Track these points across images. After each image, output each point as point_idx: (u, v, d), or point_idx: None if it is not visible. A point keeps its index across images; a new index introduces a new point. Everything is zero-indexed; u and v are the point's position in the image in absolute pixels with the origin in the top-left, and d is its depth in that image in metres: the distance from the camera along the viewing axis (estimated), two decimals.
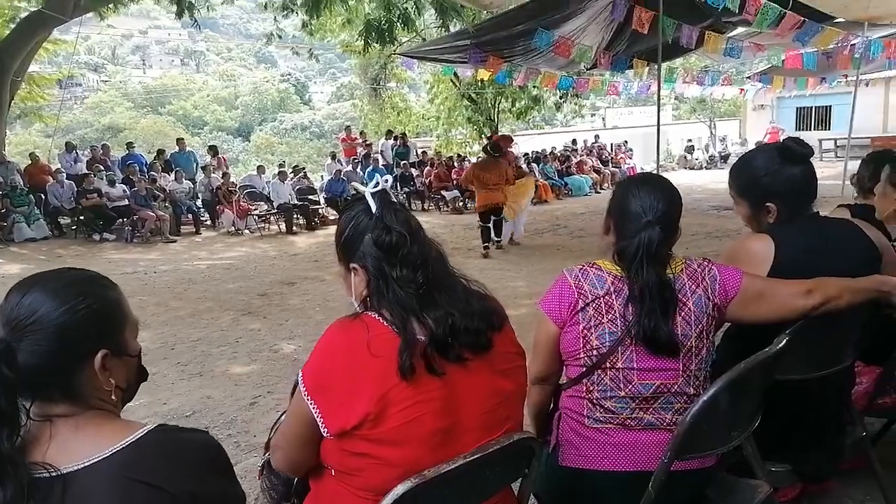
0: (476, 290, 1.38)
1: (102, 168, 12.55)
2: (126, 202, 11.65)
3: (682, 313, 1.58)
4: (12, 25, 13.81)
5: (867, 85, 16.86)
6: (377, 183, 1.35)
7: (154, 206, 11.61)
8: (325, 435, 1.22)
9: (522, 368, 1.39)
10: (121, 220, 11.67)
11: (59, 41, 16.56)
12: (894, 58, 11.38)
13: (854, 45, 10.04)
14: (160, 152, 14.59)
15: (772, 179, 1.80)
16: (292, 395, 1.33)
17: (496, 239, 9.04)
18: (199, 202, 13.16)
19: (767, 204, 1.82)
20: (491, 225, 8.92)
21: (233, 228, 12.28)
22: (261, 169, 14.99)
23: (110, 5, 13.25)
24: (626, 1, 8.14)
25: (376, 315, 1.26)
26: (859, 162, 2.80)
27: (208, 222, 13.00)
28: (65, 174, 12.23)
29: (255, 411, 3.90)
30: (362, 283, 1.32)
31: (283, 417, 1.39)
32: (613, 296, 1.60)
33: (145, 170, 13.05)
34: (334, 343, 1.24)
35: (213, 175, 13.14)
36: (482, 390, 1.27)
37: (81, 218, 11.70)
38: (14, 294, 1.03)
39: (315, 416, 1.21)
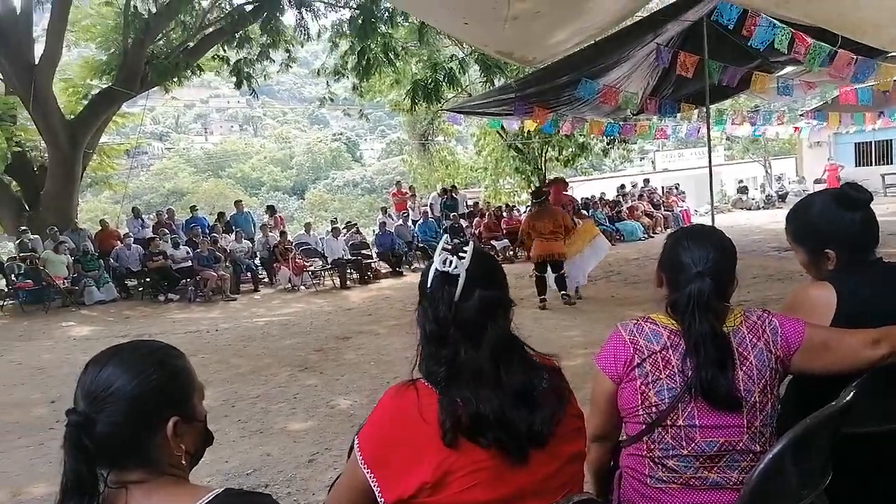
0: (536, 366, 1.33)
1: (167, 231, 13.15)
2: (189, 263, 12.12)
3: (744, 367, 1.54)
4: (84, 102, 14.82)
5: None
6: (447, 261, 1.30)
7: (216, 267, 12.03)
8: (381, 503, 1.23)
9: (582, 431, 1.37)
10: (184, 280, 12.12)
11: (127, 114, 17.69)
12: None
13: None
14: (220, 214, 15.20)
15: (829, 226, 1.77)
16: (349, 457, 1.34)
17: (563, 293, 8.56)
18: (257, 260, 13.55)
19: (826, 251, 1.77)
20: (549, 277, 8.56)
21: (289, 285, 12.56)
22: (308, 226, 15.36)
23: (174, 79, 14.13)
24: (669, 48, 8.18)
25: (425, 381, 1.28)
26: None
27: (266, 280, 13.32)
28: (132, 238, 12.85)
29: (314, 469, 3.93)
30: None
31: (339, 479, 1.41)
32: (670, 350, 1.57)
33: (207, 231, 13.59)
34: (389, 410, 1.27)
35: (270, 234, 13.56)
36: (541, 459, 1.26)
37: (147, 280, 12.22)
38: (91, 368, 1.11)
39: (372, 485, 1.23)
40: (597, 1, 3.87)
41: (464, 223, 15.73)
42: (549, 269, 8.53)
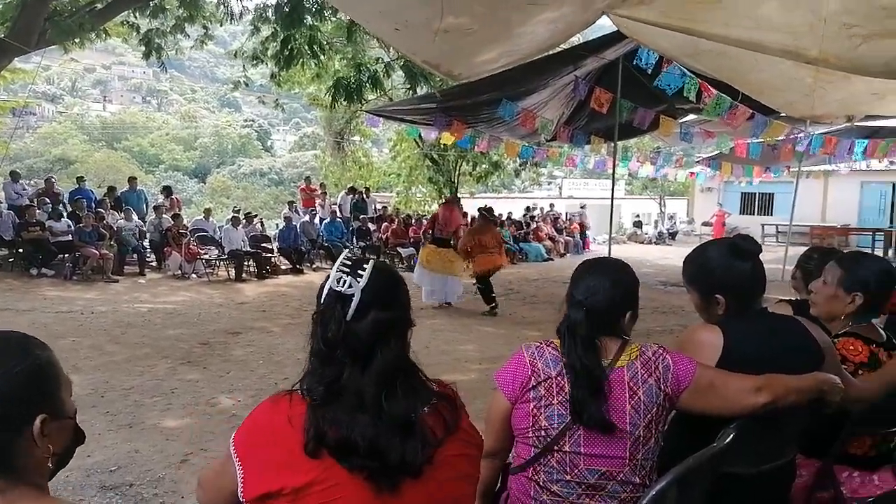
0: (423, 392, 1.29)
1: (48, 201, 12.16)
2: (69, 238, 11.26)
3: (632, 402, 1.59)
4: None
5: (807, 177, 17.92)
6: (342, 281, 1.26)
7: (99, 244, 11.25)
8: (241, 500, 1.23)
9: (472, 458, 1.35)
10: (62, 255, 11.25)
11: (17, 70, 16.23)
12: (833, 154, 12.19)
13: (797, 138, 10.72)
14: (111, 189, 14.28)
15: (722, 273, 1.87)
16: None
17: (492, 305, 9.06)
18: (146, 242, 12.81)
19: (717, 296, 1.88)
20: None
21: (179, 272, 11.94)
22: (208, 212, 14.72)
23: (76, 41, 13.12)
24: (586, 81, 8.52)
25: (303, 392, 1.26)
26: (801, 253, 2.94)
27: (154, 264, 12.64)
28: (5, 204, 11.78)
29: (186, 470, 3.71)
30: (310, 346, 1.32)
31: (212, 463, 1.41)
32: (565, 377, 1.62)
33: (94, 206, 12.71)
34: (262, 415, 1.27)
35: (164, 216, 12.86)
36: (416, 489, 1.22)
37: (20, 251, 11.23)
38: None
39: (238, 478, 1.23)
40: (527, 27, 3.95)
41: (372, 227, 15.63)
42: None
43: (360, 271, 1.26)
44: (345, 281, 1.25)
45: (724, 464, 1.58)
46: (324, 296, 1.28)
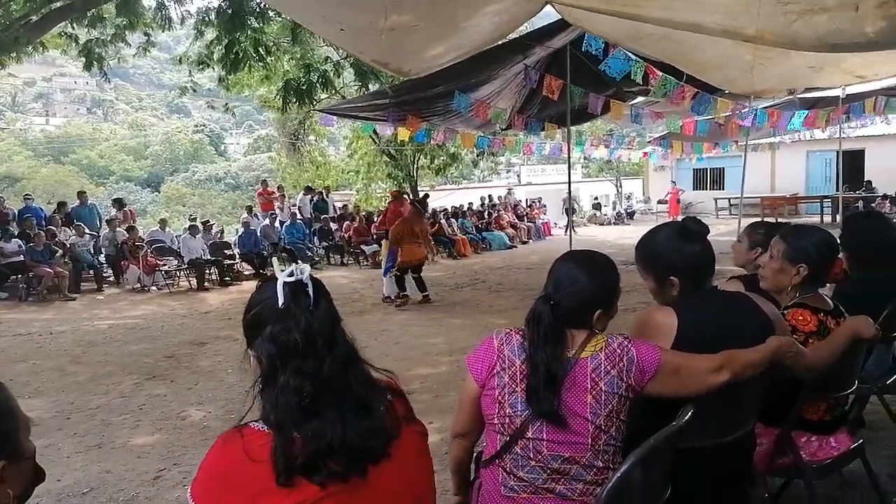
0: (379, 386, 1.32)
1: None
2: (21, 258, 10.89)
3: (593, 392, 1.63)
4: None
5: (755, 150, 18.39)
6: (293, 272, 1.26)
7: (52, 262, 10.91)
8: None
9: (424, 450, 1.38)
10: (14, 277, 10.87)
11: None
12: (777, 126, 12.54)
13: (742, 113, 10.99)
14: (61, 205, 13.82)
15: (672, 256, 1.93)
16: None
17: (425, 293, 9.28)
18: (101, 257, 12.49)
19: (671, 278, 1.93)
20: (412, 279, 9.20)
21: (138, 285, 11.69)
22: (164, 222, 14.43)
23: (12, 55, 12.64)
24: (536, 69, 8.58)
25: (256, 423, 1.22)
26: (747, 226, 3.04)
27: (112, 279, 12.33)
28: None
29: (160, 486, 3.65)
30: (257, 371, 1.28)
31: None
32: (528, 366, 1.65)
33: (44, 223, 12.30)
34: (216, 459, 1.21)
35: (118, 229, 12.53)
36: (383, 475, 1.25)
37: None
38: None
39: None
40: (472, 20, 3.97)
41: (334, 226, 15.52)
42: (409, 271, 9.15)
43: (294, 264, 1.29)
44: (297, 269, 1.26)
45: (684, 440, 1.63)
46: (280, 294, 1.24)
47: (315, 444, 1.17)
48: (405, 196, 11.56)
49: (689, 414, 1.60)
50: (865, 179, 20.54)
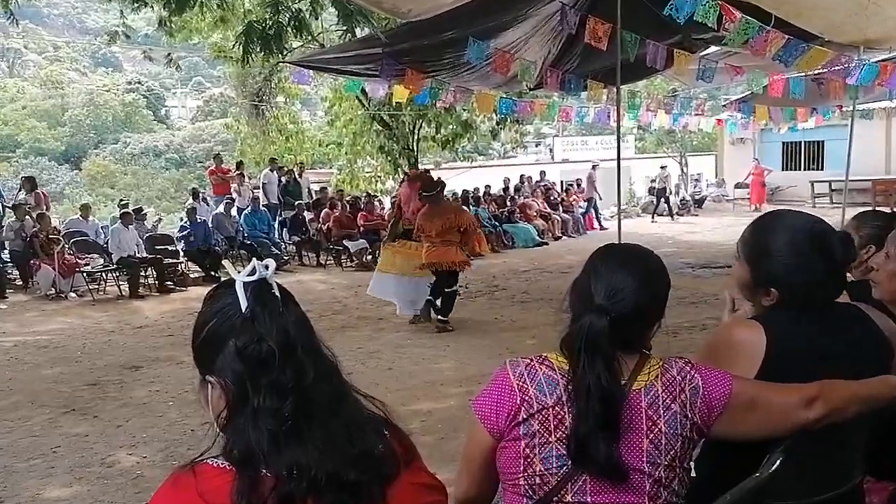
0: (372, 416, 1.34)
1: None
2: None
3: (651, 436, 1.60)
4: None
5: (866, 118, 18.13)
6: (254, 269, 1.29)
7: None
8: None
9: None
10: None
11: None
12: (887, 84, 12.40)
13: (846, 68, 10.90)
14: None
15: (790, 267, 1.85)
16: None
17: (440, 317, 8.71)
18: (5, 254, 12.66)
19: (771, 290, 1.89)
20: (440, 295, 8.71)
21: (53, 291, 11.80)
22: (86, 209, 14.53)
23: None
24: (576, 10, 8.54)
25: (215, 459, 1.23)
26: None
27: (18, 282, 12.49)
28: None
29: None
30: (221, 402, 1.28)
31: None
32: (566, 406, 1.61)
33: None
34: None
35: (27, 217, 12.63)
36: None
37: None
38: None
39: None
40: None
41: (308, 216, 15.54)
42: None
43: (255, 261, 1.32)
44: (262, 265, 1.29)
45: (771, 496, 1.62)
46: (244, 298, 1.26)
47: (293, 481, 1.17)
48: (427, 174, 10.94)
49: (777, 462, 1.58)
50: None
